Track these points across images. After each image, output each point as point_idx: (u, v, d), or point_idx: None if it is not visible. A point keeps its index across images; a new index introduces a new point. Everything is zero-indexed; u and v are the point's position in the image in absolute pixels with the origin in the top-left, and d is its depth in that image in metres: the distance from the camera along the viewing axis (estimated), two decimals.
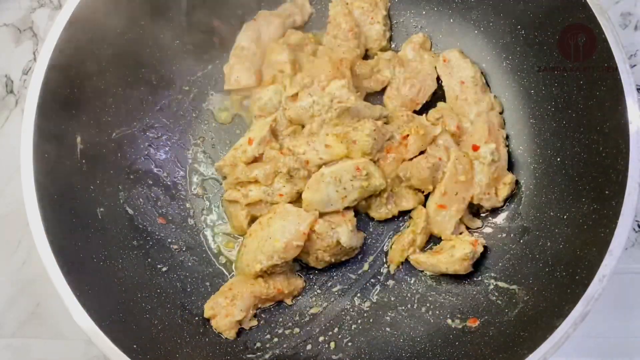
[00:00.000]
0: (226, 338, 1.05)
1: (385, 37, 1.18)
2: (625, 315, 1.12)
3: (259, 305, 1.08)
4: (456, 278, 1.08)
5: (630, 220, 0.85)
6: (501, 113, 1.14)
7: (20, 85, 1.31)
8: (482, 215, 1.12)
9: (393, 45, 1.22)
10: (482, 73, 1.15)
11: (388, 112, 1.12)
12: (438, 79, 1.17)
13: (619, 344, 1.11)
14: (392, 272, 1.11)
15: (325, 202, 1.05)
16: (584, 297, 0.85)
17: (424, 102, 1.16)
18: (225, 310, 1.04)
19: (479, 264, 1.09)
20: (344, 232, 1.05)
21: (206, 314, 1.05)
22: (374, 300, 1.10)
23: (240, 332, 1.06)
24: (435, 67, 1.16)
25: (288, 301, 1.10)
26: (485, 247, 1.08)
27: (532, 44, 1.07)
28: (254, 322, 1.07)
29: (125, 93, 1.12)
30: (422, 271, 1.10)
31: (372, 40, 1.18)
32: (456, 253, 1.04)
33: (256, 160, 1.11)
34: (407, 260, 1.10)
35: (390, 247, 1.11)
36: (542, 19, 1.04)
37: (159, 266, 1.09)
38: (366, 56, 1.20)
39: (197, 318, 1.06)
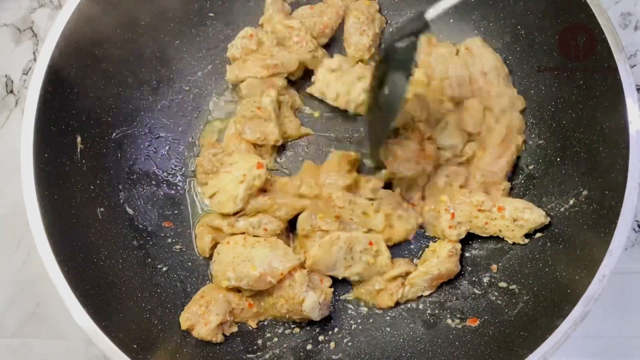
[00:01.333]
0: (226, 338, 1.05)
1: (368, 52, 1.17)
2: (625, 315, 1.12)
3: (233, 318, 1.06)
4: (456, 278, 1.08)
5: (630, 220, 0.85)
6: (523, 111, 1.11)
7: (20, 85, 1.31)
8: None
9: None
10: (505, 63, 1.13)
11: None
12: None
13: (619, 344, 1.11)
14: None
15: (330, 266, 1.05)
16: (584, 297, 0.85)
17: (470, 92, 1.13)
18: (203, 319, 1.02)
19: (478, 264, 1.09)
20: (311, 298, 1.01)
21: (183, 326, 1.02)
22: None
23: (240, 333, 1.06)
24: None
25: (252, 324, 1.07)
26: (485, 247, 1.09)
27: (532, 44, 1.07)
28: (235, 328, 1.06)
29: (125, 93, 1.12)
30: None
31: (355, 49, 1.17)
32: (441, 254, 1.05)
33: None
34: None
35: (375, 297, 1.09)
36: (542, 19, 1.04)
37: (159, 266, 1.09)
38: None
39: None
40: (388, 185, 1.11)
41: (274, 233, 1.07)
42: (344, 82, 1.13)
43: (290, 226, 1.11)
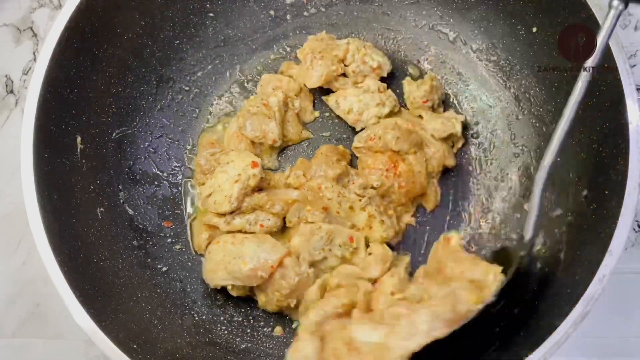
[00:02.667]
0: (226, 338, 1.05)
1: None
2: (625, 315, 1.12)
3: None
4: None
5: (630, 220, 0.85)
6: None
7: (20, 85, 1.31)
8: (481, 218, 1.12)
9: (395, 46, 1.22)
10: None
11: None
12: None
13: (619, 344, 1.11)
14: None
15: (307, 255, 1.05)
16: (584, 297, 0.84)
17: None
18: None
19: None
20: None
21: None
22: None
23: (242, 333, 1.07)
24: None
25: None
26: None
27: (532, 44, 1.07)
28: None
29: (125, 93, 1.12)
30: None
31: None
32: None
33: None
34: None
35: None
36: (542, 19, 1.04)
37: (159, 266, 1.09)
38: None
39: (196, 318, 1.06)
40: None
41: (270, 230, 1.07)
42: (361, 101, 1.13)
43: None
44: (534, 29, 1.05)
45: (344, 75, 1.17)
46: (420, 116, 1.16)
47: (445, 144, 1.14)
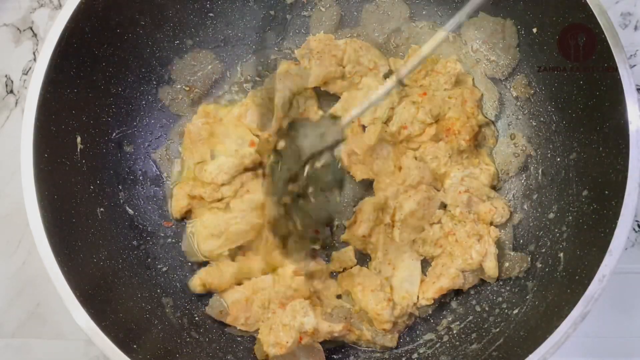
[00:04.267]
0: (225, 337, 1.05)
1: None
2: (625, 315, 1.12)
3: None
4: None
5: (630, 220, 0.86)
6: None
7: (20, 85, 1.31)
8: None
9: (394, 46, 1.22)
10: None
11: None
12: None
13: (619, 344, 1.11)
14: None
15: None
16: (584, 297, 0.85)
17: None
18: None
19: None
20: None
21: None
22: None
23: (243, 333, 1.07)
24: None
25: None
26: None
27: (532, 44, 1.07)
28: None
29: (126, 93, 1.12)
30: None
31: None
32: None
33: None
34: None
35: None
36: (542, 19, 1.04)
37: (159, 266, 1.09)
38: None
39: (197, 318, 1.06)
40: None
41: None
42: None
43: None
44: (534, 29, 1.05)
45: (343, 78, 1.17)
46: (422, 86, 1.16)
47: (459, 88, 1.14)
